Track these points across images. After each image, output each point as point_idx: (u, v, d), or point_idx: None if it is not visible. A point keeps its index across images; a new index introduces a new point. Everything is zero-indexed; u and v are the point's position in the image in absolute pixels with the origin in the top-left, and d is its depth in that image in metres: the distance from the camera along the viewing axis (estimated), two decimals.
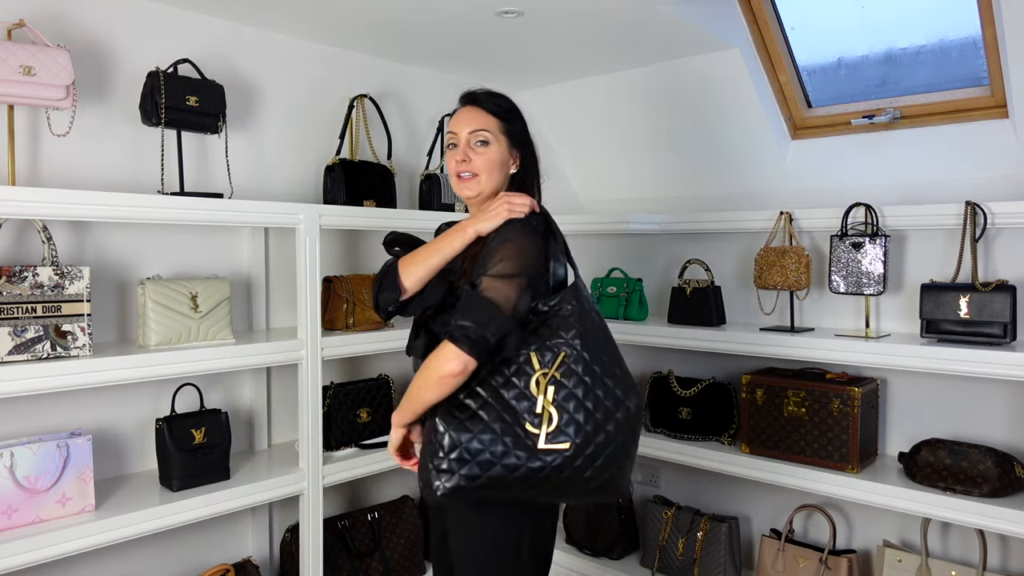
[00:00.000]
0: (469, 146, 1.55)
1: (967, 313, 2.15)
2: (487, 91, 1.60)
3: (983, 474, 2.10)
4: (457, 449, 1.32)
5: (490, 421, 1.33)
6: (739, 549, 2.68)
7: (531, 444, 1.31)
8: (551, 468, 1.31)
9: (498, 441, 1.32)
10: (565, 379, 1.34)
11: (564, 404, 1.33)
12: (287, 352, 2.24)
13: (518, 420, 1.32)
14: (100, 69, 2.15)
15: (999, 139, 2.35)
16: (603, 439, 1.33)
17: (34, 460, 1.84)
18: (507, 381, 1.36)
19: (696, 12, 2.39)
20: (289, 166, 2.60)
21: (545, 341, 1.37)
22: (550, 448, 1.31)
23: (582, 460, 1.32)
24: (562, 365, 1.35)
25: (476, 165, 1.54)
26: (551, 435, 1.31)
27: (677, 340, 2.70)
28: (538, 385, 1.34)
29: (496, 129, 1.55)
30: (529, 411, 1.33)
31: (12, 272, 1.80)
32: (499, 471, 1.31)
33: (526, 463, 1.31)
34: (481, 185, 1.55)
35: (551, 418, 1.32)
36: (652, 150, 3.14)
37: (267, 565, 2.50)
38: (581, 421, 1.32)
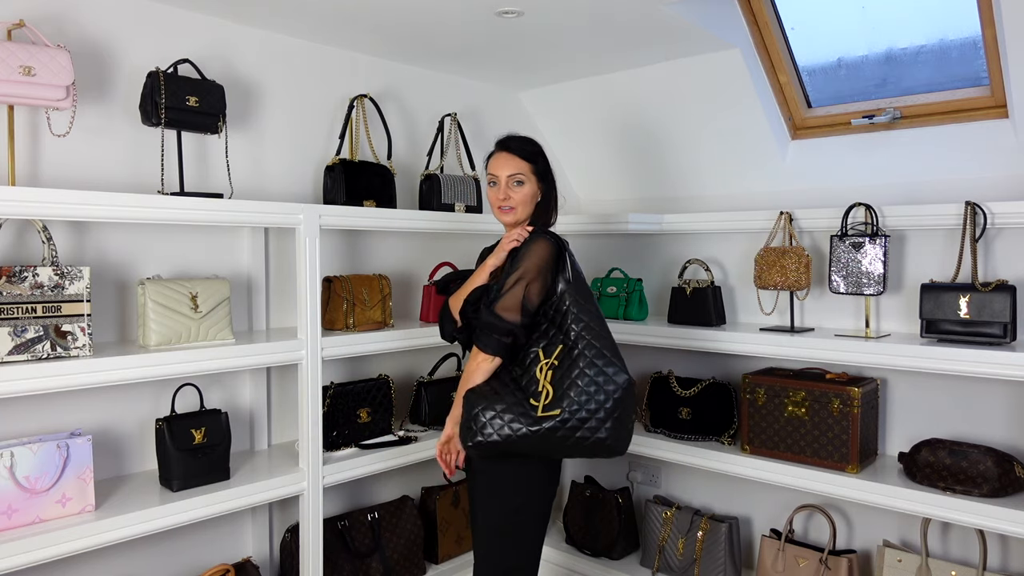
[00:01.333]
0: (508, 186, 2.01)
1: (967, 313, 2.15)
2: (517, 138, 2.07)
3: (983, 474, 2.10)
4: (481, 419, 1.81)
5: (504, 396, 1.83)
6: (739, 549, 2.68)
7: (533, 414, 1.80)
8: (546, 429, 1.79)
9: (508, 412, 1.81)
10: (561, 364, 1.83)
11: (559, 383, 1.81)
12: (287, 352, 2.24)
13: (526, 398, 1.82)
14: (100, 69, 2.15)
15: (999, 139, 2.35)
16: (593, 407, 1.79)
17: (34, 460, 1.84)
18: (524, 372, 1.87)
19: (696, 12, 2.39)
20: (289, 166, 2.60)
21: (551, 337, 1.88)
22: (546, 415, 1.79)
23: (573, 422, 1.78)
24: (560, 355, 1.85)
25: (514, 201, 2.02)
26: (547, 406, 1.80)
27: (677, 340, 2.70)
28: (541, 371, 1.84)
29: (528, 171, 2.02)
30: (535, 391, 1.82)
31: (12, 272, 1.80)
32: (507, 432, 1.80)
33: (527, 427, 1.79)
34: (517, 214, 2.03)
35: (548, 394, 1.81)
36: (652, 150, 3.14)
37: (267, 565, 2.50)
38: (572, 395, 1.79)
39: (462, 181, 2.86)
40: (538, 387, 1.81)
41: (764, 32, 2.62)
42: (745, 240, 2.82)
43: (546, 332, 1.88)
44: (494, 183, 2.04)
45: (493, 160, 2.06)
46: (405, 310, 2.91)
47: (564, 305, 1.88)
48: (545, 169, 2.06)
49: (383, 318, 2.57)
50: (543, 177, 2.05)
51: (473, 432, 1.82)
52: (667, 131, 3.03)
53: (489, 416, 1.81)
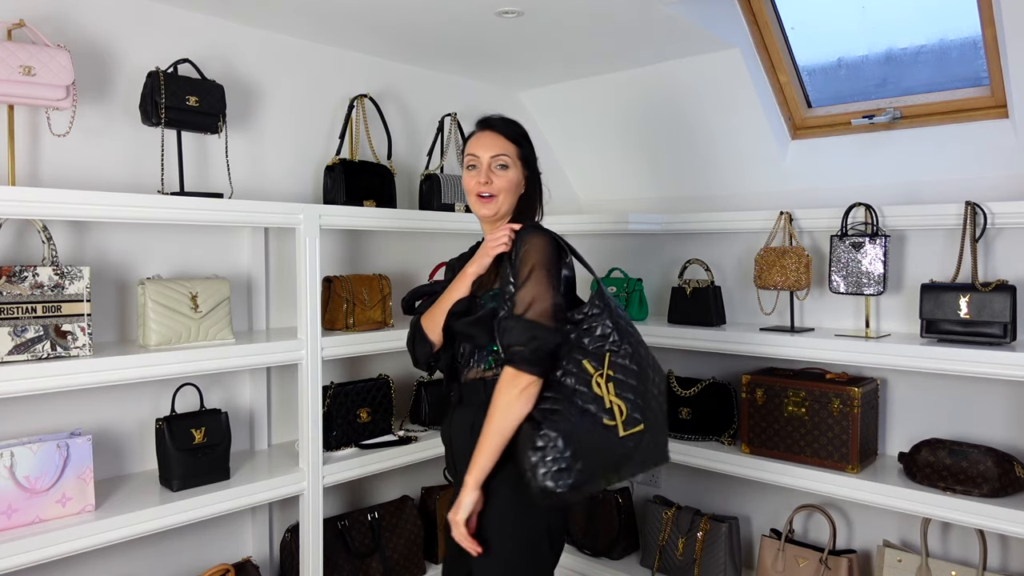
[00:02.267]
0: (490, 169, 1.70)
1: (967, 313, 2.15)
2: (502, 117, 1.76)
3: (983, 474, 2.10)
4: (571, 446, 1.48)
5: (577, 423, 1.50)
6: (739, 549, 2.68)
7: (614, 435, 1.50)
8: (634, 449, 1.51)
9: (589, 437, 1.49)
10: (618, 374, 1.53)
11: (624, 394, 1.52)
12: (287, 352, 2.24)
13: (596, 419, 1.50)
14: (100, 69, 2.15)
15: (999, 139, 2.35)
16: (656, 413, 1.54)
17: (34, 460, 1.84)
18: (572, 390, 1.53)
19: (696, 12, 2.39)
20: (289, 166, 2.60)
21: (589, 348, 1.55)
22: (630, 433, 1.50)
23: (650, 433, 1.52)
24: (610, 363, 1.53)
25: (496, 187, 1.70)
26: (626, 423, 1.51)
27: (677, 340, 2.70)
28: (599, 386, 1.52)
29: (513, 154, 1.72)
30: (599, 408, 1.51)
31: (12, 272, 1.80)
32: (600, 463, 1.49)
33: (619, 451, 1.50)
34: (499, 205, 1.71)
35: (621, 409, 1.51)
36: (652, 150, 3.14)
37: (267, 565, 2.50)
38: (642, 404, 1.52)
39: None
40: (604, 403, 1.51)
41: (764, 32, 2.62)
42: (745, 240, 2.82)
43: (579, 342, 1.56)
44: (473, 166, 1.72)
45: (473, 140, 1.74)
46: None
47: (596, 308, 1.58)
48: (531, 155, 1.76)
49: (383, 318, 2.57)
50: (528, 164, 1.75)
51: (567, 470, 1.46)
52: (667, 131, 3.03)
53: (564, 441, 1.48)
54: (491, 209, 1.71)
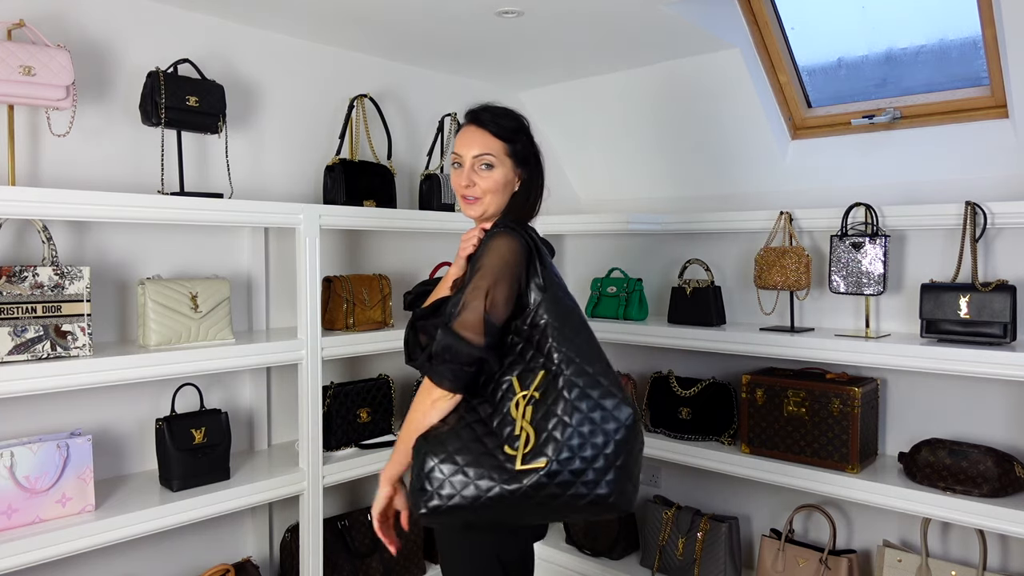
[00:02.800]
0: (474, 169, 1.56)
1: (967, 313, 2.15)
2: (492, 109, 1.62)
3: (983, 474, 2.10)
4: (438, 475, 1.34)
5: (469, 442, 1.35)
6: (739, 549, 2.68)
7: (510, 467, 1.32)
8: (528, 487, 1.31)
9: (475, 465, 1.33)
10: (544, 397, 1.35)
11: (542, 422, 1.34)
12: (287, 352, 2.24)
13: (499, 445, 1.34)
14: (100, 69, 2.15)
15: (999, 139, 2.35)
16: (591, 453, 1.32)
17: (34, 460, 1.84)
18: (495, 409, 1.38)
19: (696, 12, 2.39)
20: (289, 166, 2.60)
21: (528, 362, 1.40)
22: (527, 467, 1.31)
23: (565, 476, 1.31)
24: (540, 384, 1.36)
25: (480, 188, 1.56)
26: (528, 455, 1.31)
27: (677, 340, 2.70)
28: (517, 407, 1.35)
29: (501, 152, 1.57)
30: (510, 435, 1.34)
31: (12, 272, 1.80)
32: (473, 491, 1.32)
33: (501, 484, 1.31)
34: (485, 206, 1.58)
35: (528, 438, 1.33)
36: (652, 150, 3.14)
37: (267, 565, 2.50)
38: (560, 438, 1.31)
39: None
40: (514, 429, 1.33)
41: (764, 32, 2.62)
42: (745, 240, 2.82)
43: (521, 354, 1.41)
44: (458, 164, 1.59)
45: (459, 135, 1.61)
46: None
47: (541, 319, 1.41)
48: (527, 152, 1.60)
49: (383, 318, 2.57)
50: (523, 161, 1.59)
51: (427, 494, 1.33)
52: (667, 131, 3.03)
53: (448, 471, 1.32)
54: (476, 211, 1.59)
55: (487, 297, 1.41)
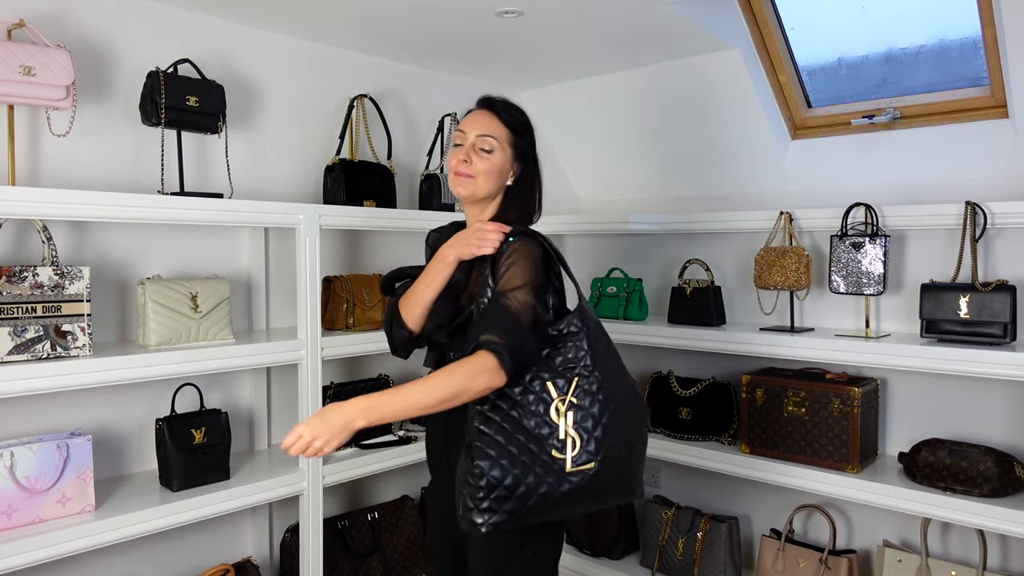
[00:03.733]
0: (474, 149, 1.58)
1: (967, 313, 2.15)
2: (505, 100, 1.66)
3: (983, 474, 2.10)
4: (497, 488, 1.36)
5: (519, 454, 1.38)
6: (739, 549, 2.68)
7: (559, 469, 1.38)
8: (579, 488, 1.39)
9: (529, 472, 1.37)
10: (581, 401, 1.40)
11: (584, 425, 1.40)
12: (287, 352, 2.24)
13: (544, 448, 1.38)
14: (100, 69, 2.15)
15: (999, 139, 2.35)
16: (621, 453, 1.42)
17: (34, 460, 1.84)
18: (528, 412, 1.40)
19: (696, 12, 2.39)
20: (289, 166, 2.60)
21: (558, 367, 1.43)
22: (577, 470, 1.38)
23: (605, 473, 1.40)
24: (577, 388, 1.41)
25: (475, 168, 1.58)
26: (576, 458, 1.39)
27: (677, 340, 2.70)
28: (558, 412, 1.40)
29: (504, 139, 1.60)
30: (553, 437, 1.39)
31: (12, 272, 1.80)
32: (536, 500, 1.37)
33: (558, 488, 1.38)
34: (476, 187, 1.59)
35: (575, 442, 1.39)
36: (652, 150, 3.14)
37: (267, 565, 2.50)
38: (601, 438, 1.39)
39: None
40: (558, 433, 1.38)
41: (764, 32, 2.62)
42: (745, 240, 2.82)
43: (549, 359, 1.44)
44: (459, 143, 1.61)
45: (468, 116, 1.65)
46: None
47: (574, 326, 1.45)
48: (527, 149, 1.63)
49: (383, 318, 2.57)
50: (522, 156, 1.62)
51: (489, 510, 1.36)
52: (667, 131, 3.03)
53: (510, 484, 1.35)
54: (467, 188, 1.58)
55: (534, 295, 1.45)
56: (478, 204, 1.64)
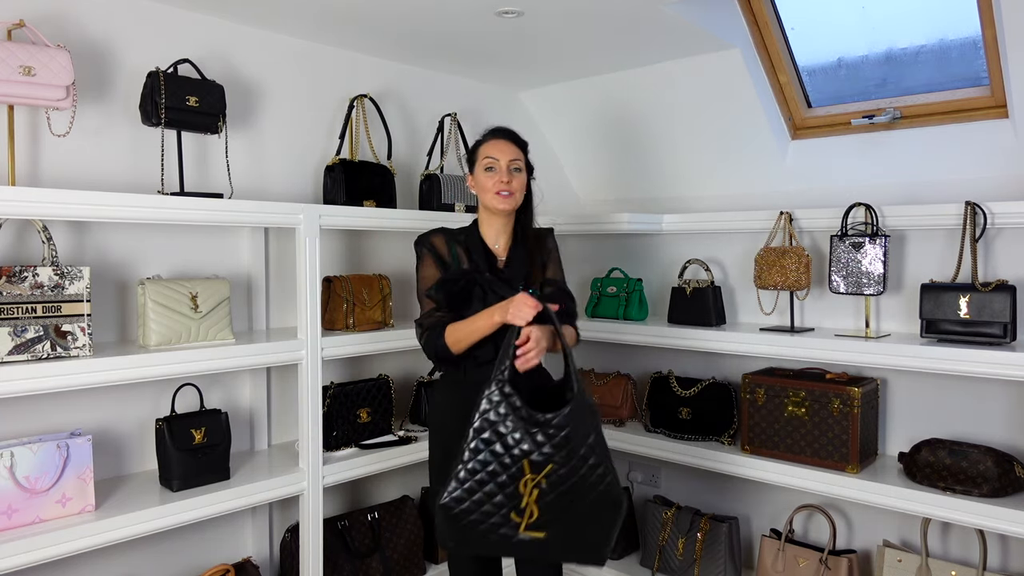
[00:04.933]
0: (508, 171, 1.94)
1: (967, 313, 2.15)
2: (511, 129, 2.03)
3: (983, 474, 2.10)
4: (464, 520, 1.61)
5: (482, 504, 1.61)
6: (739, 549, 2.68)
7: (515, 526, 1.60)
8: (529, 546, 1.61)
9: (486, 522, 1.61)
10: (549, 485, 1.59)
11: (545, 503, 1.59)
12: (287, 352, 2.24)
13: (508, 505, 1.60)
14: (100, 69, 2.15)
15: (999, 139, 2.35)
16: (579, 533, 1.62)
17: (34, 460, 1.84)
18: (509, 473, 1.61)
19: (696, 12, 2.39)
20: (289, 166, 2.60)
21: (540, 448, 1.60)
22: (529, 535, 1.60)
23: (556, 544, 1.62)
24: (549, 475, 1.59)
25: (513, 186, 1.95)
26: (529, 526, 1.60)
27: (677, 340, 2.70)
28: (526, 486, 1.59)
29: (523, 159, 1.99)
30: (516, 502, 1.60)
31: (12, 272, 1.80)
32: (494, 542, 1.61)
33: (510, 541, 1.61)
34: (516, 201, 1.96)
35: (532, 514, 1.60)
36: (652, 150, 3.14)
37: (267, 565, 2.50)
38: (558, 517, 1.60)
39: (462, 181, 2.86)
40: (521, 502, 1.60)
41: (764, 32, 2.62)
42: (745, 240, 2.82)
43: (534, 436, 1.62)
44: (491, 168, 1.94)
45: (489, 145, 1.98)
46: (405, 310, 2.91)
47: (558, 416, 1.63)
48: (530, 163, 2.04)
49: (383, 318, 2.57)
50: (531, 169, 2.04)
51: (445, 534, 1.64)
52: (667, 131, 3.03)
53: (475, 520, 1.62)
54: (510, 204, 1.95)
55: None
56: (507, 214, 1.99)
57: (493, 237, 2.01)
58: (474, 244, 1.99)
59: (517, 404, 1.62)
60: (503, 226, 2.01)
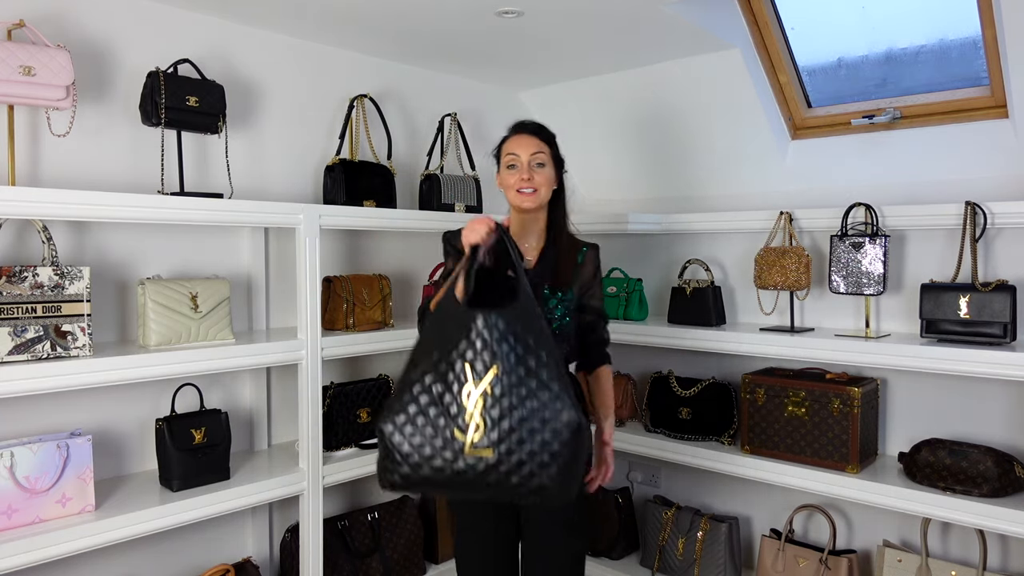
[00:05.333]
0: (530, 167, 1.85)
1: (967, 313, 2.15)
2: (533, 122, 1.94)
3: (983, 474, 2.10)
4: (393, 453, 1.43)
5: (423, 425, 1.42)
6: (739, 549, 2.68)
7: (458, 448, 1.41)
8: (476, 473, 1.41)
9: (427, 444, 1.42)
10: (496, 392, 1.42)
11: (491, 413, 1.41)
12: (287, 352, 2.24)
13: (450, 424, 1.42)
14: (100, 69, 2.15)
15: (999, 139, 2.35)
16: (530, 449, 1.41)
17: (34, 460, 1.84)
18: (448, 387, 1.43)
19: (696, 12, 2.39)
20: (289, 166, 2.60)
21: (481, 353, 1.44)
22: (475, 454, 1.41)
23: (507, 467, 1.41)
24: (495, 379, 1.42)
25: (536, 182, 1.85)
26: (476, 443, 1.41)
27: (677, 340, 2.70)
28: (469, 396, 1.42)
29: (548, 153, 1.89)
30: (460, 417, 1.42)
31: (12, 272, 1.80)
32: (428, 472, 1.42)
33: (452, 465, 1.41)
34: (539, 198, 1.86)
35: (478, 427, 1.41)
36: (652, 150, 3.14)
37: (267, 565, 2.50)
38: (506, 431, 1.40)
39: (462, 181, 2.86)
40: (464, 416, 1.41)
41: (764, 32, 2.62)
42: (745, 240, 2.82)
43: (474, 341, 1.44)
44: (513, 165, 1.87)
45: (511, 141, 1.91)
46: (405, 310, 2.91)
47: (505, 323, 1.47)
48: (559, 156, 1.93)
49: (383, 318, 2.57)
50: (558, 164, 1.93)
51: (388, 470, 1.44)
52: (667, 131, 3.03)
53: (405, 451, 1.41)
54: (533, 202, 1.85)
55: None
56: (533, 212, 1.89)
57: (523, 237, 1.91)
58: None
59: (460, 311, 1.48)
60: (532, 225, 1.91)
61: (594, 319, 1.97)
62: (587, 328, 1.96)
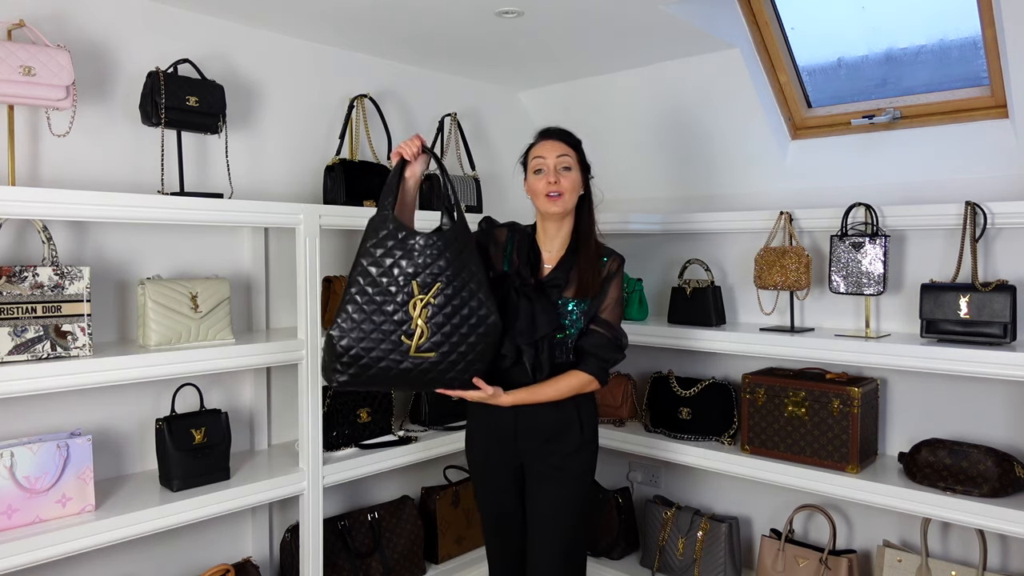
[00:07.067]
0: (557, 171, 1.88)
1: (967, 313, 2.15)
2: (558, 127, 1.98)
3: (983, 474, 2.10)
4: (343, 356, 1.68)
5: (370, 332, 1.69)
6: (739, 549, 2.68)
7: (404, 350, 1.70)
8: (418, 370, 1.72)
9: (375, 348, 1.69)
10: (437, 305, 1.71)
11: (434, 321, 1.71)
12: (287, 352, 2.24)
13: (397, 331, 1.70)
14: (100, 69, 2.15)
15: (999, 139, 2.35)
16: (465, 349, 1.73)
17: (34, 460, 1.84)
18: (392, 299, 1.70)
19: (696, 12, 2.39)
20: (289, 166, 2.60)
21: (427, 270, 1.71)
22: (419, 355, 1.71)
23: (445, 365, 1.73)
24: (437, 293, 1.71)
25: (563, 186, 1.88)
26: (420, 346, 1.71)
27: (677, 340, 2.70)
28: (415, 307, 1.70)
29: (574, 157, 1.92)
30: (407, 324, 1.70)
31: (12, 272, 1.80)
32: (376, 371, 1.71)
33: (398, 365, 1.71)
34: (566, 202, 1.89)
35: (422, 333, 1.70)
36: (652, 150, 3.14)
37: (267, 565, 2.50)
38: (447, 335, 1.71)
39: (462, 181, 2.86)
40: (411, 324, 1.69)
41: (764, 32, 2.62)
42: (745, 240, 2.82)
43: (420, 261, 1.71)
44: (540, 170, 1.91)
45: (538, 146, 1.95)
46: None
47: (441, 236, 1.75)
48: (585, 161, 1.96)
49: None
50: (584, 169, 1.95)
51: (339, 372, 1.70)
52: (667, 131, 3.03)
53: (358, 354, 1.68)
54: (560, 206, 1.89)
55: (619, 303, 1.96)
56: (559, 218, 1.93)
57: (547, 242, 1.97)
58: (523, 243, 1.95)
59: (402, 234, 1.71)
60: (556, 231, 1.95)
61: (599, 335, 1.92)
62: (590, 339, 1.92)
